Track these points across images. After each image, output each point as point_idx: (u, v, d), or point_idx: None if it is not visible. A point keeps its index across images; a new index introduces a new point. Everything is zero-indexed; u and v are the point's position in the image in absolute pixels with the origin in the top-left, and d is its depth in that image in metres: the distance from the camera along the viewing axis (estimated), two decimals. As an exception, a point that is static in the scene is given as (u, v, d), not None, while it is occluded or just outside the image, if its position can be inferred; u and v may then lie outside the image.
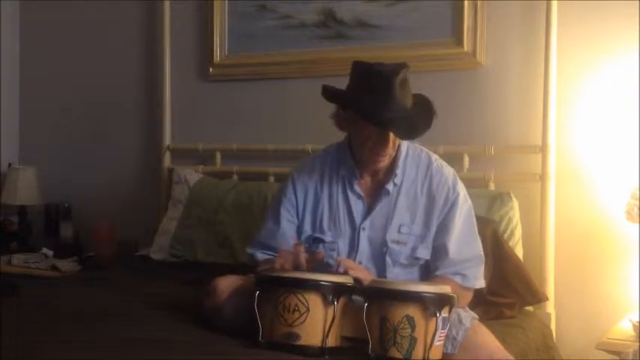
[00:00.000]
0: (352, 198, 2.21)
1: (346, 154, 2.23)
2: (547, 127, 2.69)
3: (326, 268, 2.09)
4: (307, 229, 2.23)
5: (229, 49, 3.43)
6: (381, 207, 2.18)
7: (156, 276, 2.94)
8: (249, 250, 2.31)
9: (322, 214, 2.22)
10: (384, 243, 2.15)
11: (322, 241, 2.20)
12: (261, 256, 2.24)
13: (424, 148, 2.27)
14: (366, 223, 2.18)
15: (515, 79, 2.86)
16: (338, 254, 2.15)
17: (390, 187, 2.18)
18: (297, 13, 3.25)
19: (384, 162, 2.15)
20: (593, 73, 2.73)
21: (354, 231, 2.18)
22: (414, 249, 2.15)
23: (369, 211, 2.20)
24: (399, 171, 2.18)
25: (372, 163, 2.15)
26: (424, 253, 2.15)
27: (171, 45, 3.50)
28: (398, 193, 2.18)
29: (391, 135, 2.07)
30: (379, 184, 2.21)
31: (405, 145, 2.21)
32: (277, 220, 2.25)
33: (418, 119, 2.08)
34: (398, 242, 2.14)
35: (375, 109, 2.00)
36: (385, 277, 2.14)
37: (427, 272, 2.18)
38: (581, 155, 2.75)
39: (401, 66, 2.05)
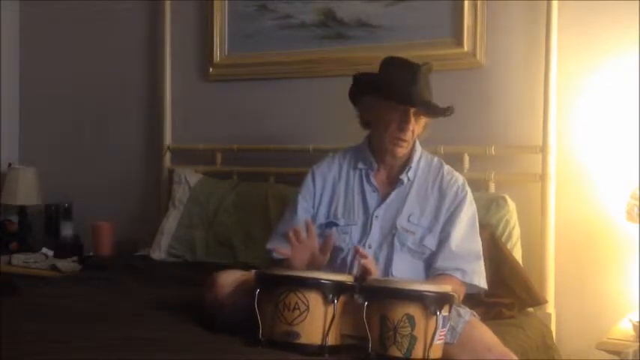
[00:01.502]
0: (368, 189, 2.32)
1: (365, 150, 2.36)
2: (547, 128, 2.70)
3: (338, 252, 2.20)
4: (322, 217, 2.33)
5: (229, 49, 3.42)
6: (394, 197, 2.29)
7: (156, 276, 2.94)
8: (268, 246, 2.34)
9: (337, 204, 2.32)
10: (394, 227, 2.24)
11: (336, 224, 2.28)
12: (276, 255, 2.25)
13: (437, 157, 2.40)
14: (379, 211, 2.27)
15: (515, 79, 2.86)
16: (350, 238, 2.24)
17: (403, 177, 2.29)
18: (297, 13, 3.25)
19: (404, 148, 2.26)
20: (593, 73, 2.73)
21: (368, 218, 2.27)
22: (422, 238, 2.23)
23: (382, 200, 2.29)
24: (413, 165, 2.30)
25: (392, 148, 2.26)
26: (432, 243, 2.23)
27: (172, 45, 3.50)
28: (410, 188, 2.29)
29: (411, 120, 2.21)
30: (394, 177, 2.31)
31: (419, 149, 2.34)
32: (295, 209, 2.35)
33: (435, 104, 2.26)
34: (407, 230, 2.23)
35: (400, 89, 2.20)
36: (392, 260, 2.21)
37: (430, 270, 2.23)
38: (581, 155, 2.75)
39: (426, 63, 2.29)
